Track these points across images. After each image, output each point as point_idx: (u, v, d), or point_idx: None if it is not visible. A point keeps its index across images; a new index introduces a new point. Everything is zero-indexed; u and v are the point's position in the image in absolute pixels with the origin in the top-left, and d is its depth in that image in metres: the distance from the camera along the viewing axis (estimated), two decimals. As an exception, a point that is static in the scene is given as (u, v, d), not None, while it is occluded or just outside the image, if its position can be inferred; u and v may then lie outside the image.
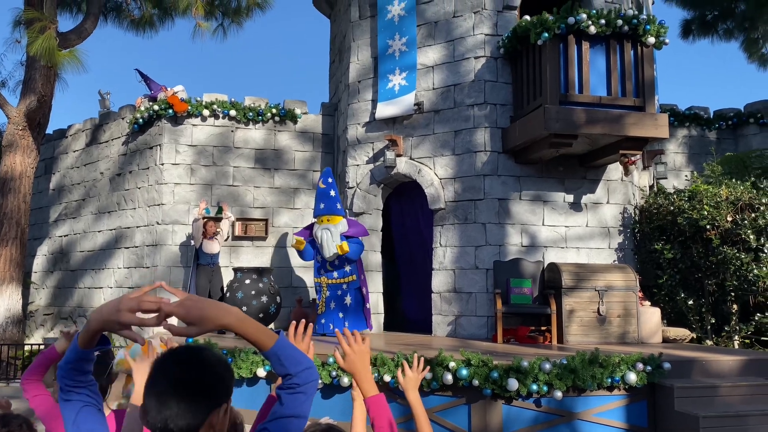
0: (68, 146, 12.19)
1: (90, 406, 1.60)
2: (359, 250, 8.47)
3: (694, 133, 11.28)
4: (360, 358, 1.91)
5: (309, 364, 1.53)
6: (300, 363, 1.51)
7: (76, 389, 1.58)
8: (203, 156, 10.12)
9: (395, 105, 9.06)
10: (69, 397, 1.59)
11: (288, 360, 1.49)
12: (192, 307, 1.40)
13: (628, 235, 8.77)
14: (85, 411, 1.58)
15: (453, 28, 8.96)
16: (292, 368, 1.49)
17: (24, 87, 10.48)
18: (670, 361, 5.72)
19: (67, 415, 1.58)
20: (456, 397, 5.52)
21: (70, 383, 1.58)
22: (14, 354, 9.56)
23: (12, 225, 10.09)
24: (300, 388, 1.51)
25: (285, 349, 1.49)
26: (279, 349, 1.48)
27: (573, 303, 7.53)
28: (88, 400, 1.60)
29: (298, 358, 1.51)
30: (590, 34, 7.57)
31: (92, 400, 1.61)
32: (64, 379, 1.58)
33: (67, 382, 1.58)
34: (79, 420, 1.56)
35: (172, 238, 9.84)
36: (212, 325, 1.41)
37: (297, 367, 1.50)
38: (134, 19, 12.97)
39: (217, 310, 1.42)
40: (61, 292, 11.74)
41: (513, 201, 8.45)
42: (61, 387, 1.59)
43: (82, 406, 1.59)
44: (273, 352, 1.48)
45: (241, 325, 1.45)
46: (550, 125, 7.39)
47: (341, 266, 8.45)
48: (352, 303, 8.39)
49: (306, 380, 1.51)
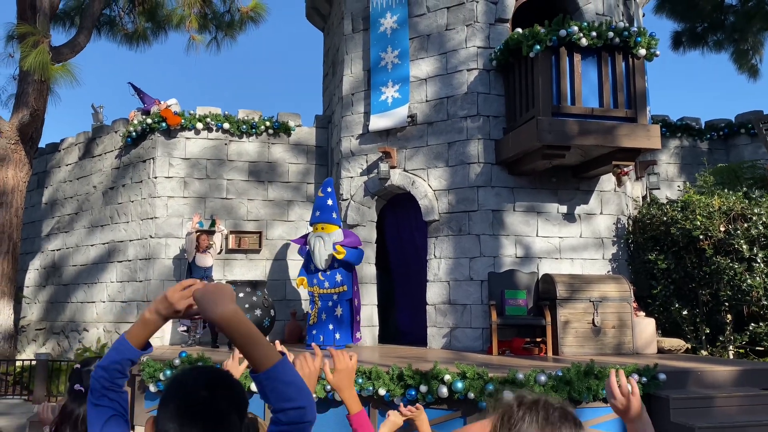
0: (61, 160, 12.15)
1: (119, 417, 1.51)
2: (360, 255, 8.45)
3: (686, 143, 11.35)
4: (346, 375, 1.93)
5: (302, 403, 1.30)
6: (290, 400, 1.29)
7: (109, 394, 1.48)
8: (197, 169, 10.10)
9: (389, 117, 9.08)
10: (100, 401, 1.48)
11: (274, 393, 1.29)
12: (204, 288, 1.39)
13: (622, 246, 8.79)
14: (114, 422, 1.49)
15: (445, 41, 9.01)
16: (276, 403, 1.29)
17: (16, 101, 10.46)
18: (665, 371, 5.72)
19: (94, 421, 1.48)
20: (451, 410, 5.49)
21: (107, 385, 1.47)
22: (5, 370, 9.46)
23: (4, 239, 10.03)
24: (284, 428, 1.30)
25: (276, 381, 1.29)
26: (269, 378, 1.29)
27: (568, 314, 7.53)
28: (118, 409, 1.51)
29: (290, 393, 1.29)
30: (582, 47, 7.63)
31: (122, 409, 1.52)
32: (103, 380, 1.47)
33: (104, 383, 1.47)
34: (105, 430, 1.47)
35: (165, 251, 9.80)
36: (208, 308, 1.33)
37: (284, 403, 1.29)
38: (127, 33, 13.01)
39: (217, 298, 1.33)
40: (54, 307, 11.65)
41: (507, 212, 8.46)
42: (93, 388, 1.48)
43: (112, 414, 1.49)
44: (261, 377, 1.30)
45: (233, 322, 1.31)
46: (542, 137, 7.42)
47: (333, 276, 8.41)
48: (343, 314, 8.33)
49: (293, 420, 1.30)
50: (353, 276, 8.57)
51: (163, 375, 6.70)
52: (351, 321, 8.43)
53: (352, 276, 8.53)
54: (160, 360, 6.95)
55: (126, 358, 1.48)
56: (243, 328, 1.32)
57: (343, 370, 1.92)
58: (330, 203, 8.56)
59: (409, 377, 5.51)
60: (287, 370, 1.31)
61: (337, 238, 8.39)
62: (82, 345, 10.56)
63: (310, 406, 1.32)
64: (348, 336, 8.36)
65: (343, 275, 8.41)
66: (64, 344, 11.17)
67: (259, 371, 1.30)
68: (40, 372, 8.64)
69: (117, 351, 1.47)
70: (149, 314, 1.48)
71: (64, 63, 9.75)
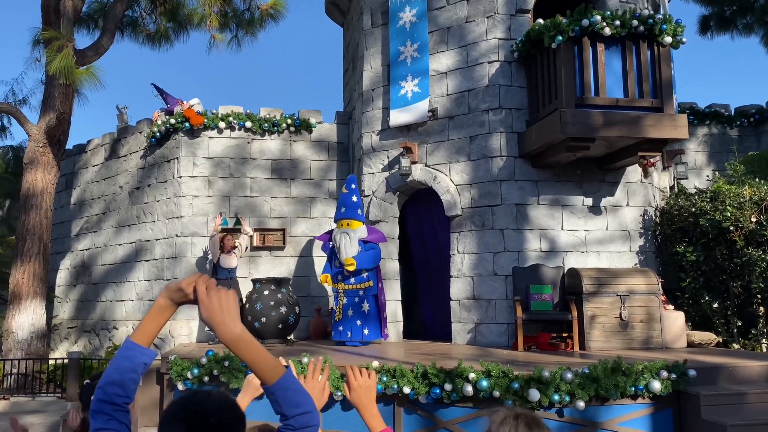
0: (88, 161, 12.35)
1: None
2: (373, 257, 8.42)
3: (715, 131, 11.08)
4: (366, 392, 1.90)
5: (308, 408, 1.44)
6: (299, 406, 1.42)
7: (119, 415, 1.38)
8: (220, 168, 10.18)
9: (409, 112, 9.03)
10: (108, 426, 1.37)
11: (286, 401, 1.41)
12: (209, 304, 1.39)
13: (649, 238, 8.64)
14: None
15: (466, 33, 8.91)
16: (288, 410, 1.41)
17: (43, 105, 10.65)
18: (695, 367, 5.61)
19: None
20: (477, 408, 5.46)
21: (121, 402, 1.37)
22: (39, 368, 9.68)
23: (35, 241, 10.24)
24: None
25: (286, 390, 1.41)
26: (279, 388, 1.40)
27: (594, 308, 7.43)
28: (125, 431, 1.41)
29: (298, 400, 1.42)
30: (605, 36, 7.47)
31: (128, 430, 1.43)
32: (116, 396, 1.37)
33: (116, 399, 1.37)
34: None
35: (191, 250, 9.91)
36: (213, 327, 1.38)
37: (295, 409, 1.41)
38: (150, 34, 13.14)
39: (223, 319, 1.36)
40: (84, 305, 11.88)
41: (531, 206, 8.37)
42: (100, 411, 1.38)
43: None
44: (272, 388, 1.40)
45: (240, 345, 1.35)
46: (566, 129, 7.30)
47: (358, 272, 8.43)
48: (370, 310, 8.36)
49: (303, 425, 1.42)
50: (378, 272, 8.57)
51: (190, 373, 6.79)
52: (378, 316, 8.44)
53: (376, 272, 8.54)
54: (187, 358, 7.03)
55: (141, 363, 1.43)
56: (250, 348, 1.40)
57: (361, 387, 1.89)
58: (354, 200, 8.58)
59: (433, 375, 5.49)
60: (293, 380, 1.44)
61: (361, 234, 8.41)
62: (113, 343, 10.76)
63: (315, 410, 1.46)
64: (377, 332, 8.37)
65: (369, 271, 8.42)
66: (95, 342, 11.38)
67: (269, 384, 1.41)
68: (73, 370, 8.82)
69: (127, 359, 1.41)
70: (163, 300, 1.48)
71: (88, 66, 9.89)
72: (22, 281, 10.07)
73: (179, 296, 1.46)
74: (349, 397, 1.92)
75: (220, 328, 1.38)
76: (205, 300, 1.39)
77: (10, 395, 9.11)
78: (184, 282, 1.44)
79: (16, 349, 9.85)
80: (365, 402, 1.89)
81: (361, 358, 6.74)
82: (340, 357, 6.87)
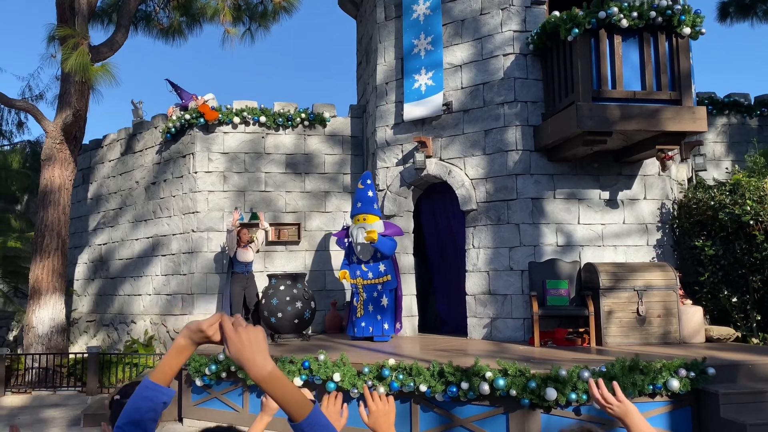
0: (104, 156, 12.44)
1: None
2: (391, 245, 8.40)
3: (734, 120, 10.91)
4: (384, 416, 1.88)
5: None
6: None
7: None
8: (235, 163, 10.21)
9: (424, 106, 8.98)
10: None
11: None
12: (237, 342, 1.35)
13: (667, 232, 8.55)
14: None
15: (480, 26, 8.82)
16: None
17: (60, 101, 10.73)
18: (714, 365, 5.55)
19: None
20: (493, 406, 5.46)
21: None
22: (59, 362, 9.83)
23: (53, 237, 10.36)
24: None
25: (313, 426, 1.37)
26: (308, 424, 1.37)
27: (611, 304, 7.38)
28: None
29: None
30: (622, 28, 7.37)
31: None
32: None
33: None
34: None
35: (207, 245, 9.97)
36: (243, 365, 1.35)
37: None
38: (163, 28, 13.16)
39: (254, 357, 1.34)
40: (102, 300, 12.02)
41: (547, 200, 8.31)
42: None
43: None
44: (302, 425, 1.37)
45: (270, 382, 1.35)
46: (583, 123, 7.23)
47: (376, 266, 8.44)
48: (388, 304, 8.37)
49: None
50: (394, 266, 8.57)
51: (208, 369, 6.85)
52: (394, 311, 8.45)
53: (393, 266, 8.54)
54: (205, 354, 7.10)
55: (160, 402, 1.41)
56: (280, 385, 1.37)
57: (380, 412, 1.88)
58: (370, 195, 8.60)
59: (450, 374, 5.49)
60: (321, 415, 1.41)
61: (378, 228, 8.42)
62: (131, 337, 10.88)
63: None
64: (393, 325, 8.38)
65: (387, 265, 8.44)
66: (113, 336, 11.53)
67: (299, 420, 1.37)
68: (92, 364, 8.94)
69: (147, 399, 1.39)
70: (183, 340, 1.44)
71: (103, 63, 9.92)
72: (41, 277, 10.20)
73: (200, 336, 1.42)
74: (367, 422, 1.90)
75: (251, 367, 1.34)
76: (233, 337, 1.35)
77: (32, 389, 9.26)
78: (205, 323, 1.42)
79: (37, 343, 10.00)
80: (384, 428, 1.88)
81: (377, 354, 6.76)
82: (360, 354, 6.89)
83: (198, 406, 7.25)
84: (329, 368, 6.11)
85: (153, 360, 9.41)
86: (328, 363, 6.16)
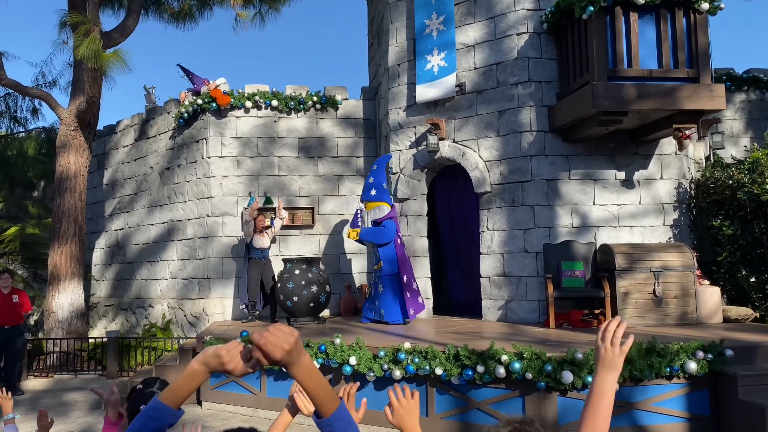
0: (118, 142, 12.50)
1: None
2: (377, 233, 8.35)
3: (753, 97, 10.70)
4: (408, 413, 1.87)
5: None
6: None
7: None
8: (248, 147, 10.22)
9: (436, 87, 8.90)
10: None
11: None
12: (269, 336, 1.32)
13: (684, 211, 8.46)
14: None
15: (493, 5, 8.69)
16: None
17: (73, 88, 10.76)
18: (732, 346, 5.52)
19: None
20: (509, 389, 5.47)
21: None
22: (80, 346, 9.99)
23: (70, 223, 10.46)
24: None
25: (340, 421, 1.39)
26: (335, 421, 1.38)
27: (627, 285, 7.34)
28: None
29: (351, 430, 1.41)
30: (638, 5, 7.23)
31: None
32: None
33: None
34: None
35: (222, 229, 10.03)
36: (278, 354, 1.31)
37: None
38: (174, 12, 13.10)
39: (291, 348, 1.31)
40: (120, 284, 12.16)
41: (562, 181, 8.24)
42: None
43: None
44: (330, 420, 1.38)
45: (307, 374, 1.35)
46: (598, 103, 7.13)
47: (378, 253, 8.48)
48: (384, 291, 8.32)
49: None
50: (400, 251, 8.43)
51: (225, 354, 6.92)
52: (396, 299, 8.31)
53: (396, 253, 8.41)
54: (222, 338, 7.18)
55: (167, 423, 1.39)
56: (319, 377, 1.37)
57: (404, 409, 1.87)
58: (371, 181, 8.61)
59: (465, 357, 5.51)
60: (346, 410, 1.42)
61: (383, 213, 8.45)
62: (149, 321, 11.02)
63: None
64: (391, 314, 8.24)
65: (384, 252, 8.35)
66: (131, 320, 11.68)
67: (327, 415, 1.38)
68: (112, 349, 9.08)
69: (154, 420, 1.37)
70: (198, 365, 1.41)
71: (115, 50, 9.91)
72: (60, 262, 10.33)
73: (216, 362, 1.38)
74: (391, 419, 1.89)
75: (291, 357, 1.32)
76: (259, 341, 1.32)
77: (54, 373, 9.43)
78: (223, 348, 1.40)
79: (57, 328, 10.16)
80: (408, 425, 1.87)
81: (393, 337, 6.79)
82: (372, 337, 6.93)
83: (216, 389, 7.34)
84: (345, 352, 6.15)
85: (171, 344, 9.54)
86: (344, 347, 6.21)
